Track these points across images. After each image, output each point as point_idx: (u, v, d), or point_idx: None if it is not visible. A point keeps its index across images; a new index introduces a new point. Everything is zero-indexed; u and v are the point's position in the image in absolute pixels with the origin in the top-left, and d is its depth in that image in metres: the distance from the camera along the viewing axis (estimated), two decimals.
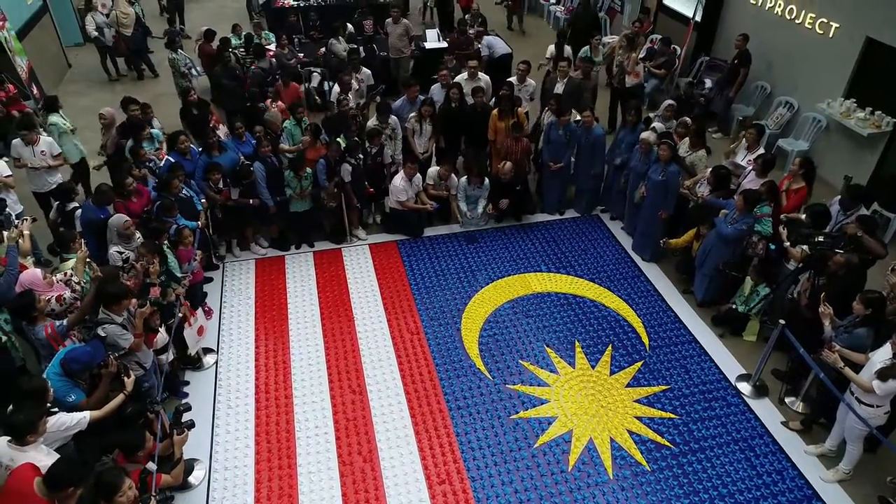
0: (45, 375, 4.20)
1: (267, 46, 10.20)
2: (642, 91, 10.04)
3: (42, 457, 3.62)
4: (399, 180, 7.22)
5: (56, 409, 3.96)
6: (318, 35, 11.50)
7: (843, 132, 8.40)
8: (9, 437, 3.63)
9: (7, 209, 6.13)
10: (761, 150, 6.97)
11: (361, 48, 10.45)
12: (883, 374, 4.37)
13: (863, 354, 4.67)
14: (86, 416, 4.03)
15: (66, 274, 5.00)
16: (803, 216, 5.84)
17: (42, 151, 6.99)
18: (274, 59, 9.76)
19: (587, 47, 9.78)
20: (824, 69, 8.67)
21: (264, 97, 8.55)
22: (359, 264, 7.34)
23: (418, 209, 7.53)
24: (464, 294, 6.92)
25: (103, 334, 4.38)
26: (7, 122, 8.15)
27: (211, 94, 10.23)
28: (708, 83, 10.19)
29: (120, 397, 4.21)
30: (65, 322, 4.57)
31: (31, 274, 4.79)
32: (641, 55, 9.76)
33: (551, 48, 9.65)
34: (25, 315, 4.42)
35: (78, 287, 4.93)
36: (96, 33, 11.20)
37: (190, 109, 7.52)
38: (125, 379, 4.27)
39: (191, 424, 4.33)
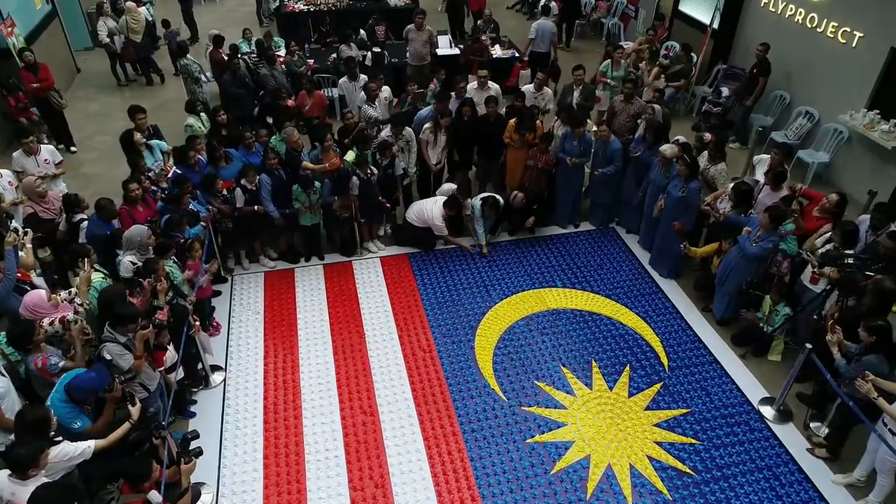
0: (48, 402, 4.08)
1: (277, 53, 10.07)
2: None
3: None
4: (440, 219, 7.13)
5: (60, 438, 3.83)
6: (323, 44, 11.37)
7: (866, 144, 8.20)
8: (10, 471, 3.50)
9: (13, 221, 6.02)
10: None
11: (368, 53, 10.32)
12: None
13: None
14: (90, 445, 3.90)
15: (70, 293, 4.87)
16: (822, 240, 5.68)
17: (45, 160, 6.92)
18: (283, 66, 9.64)
19: (608, 61, 9.54)
20: (846, 79, 8.47)
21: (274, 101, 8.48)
22: (370, 278, 7.19)
23: (459, 246, 7.54)
24: (477, 310, 6.76)
25: (108, 357, 4.25)
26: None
27: (221, 100, 10.11)
28: (725, 91, 9.99)
29: (125, 426, 4.07)
30: (60, 364, 4.38)
31: (36, 296, 4.64)
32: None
33: None
34: (21, 345, 4.26)
35: (81, 308, 4.79)
36: (108, 39, 11.12)
37: (219, 129, 7.38)
38: (130, 407, 4.13)
39: (198, 452, 4.18)
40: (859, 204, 7.31)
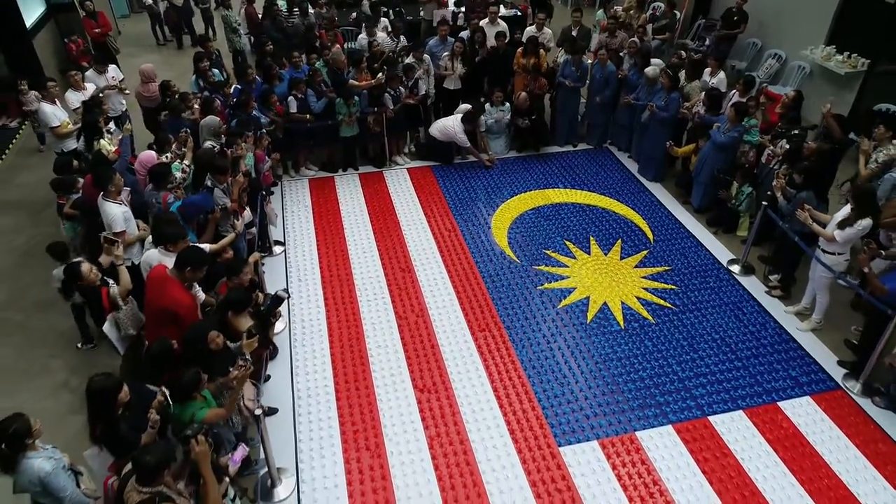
0: None
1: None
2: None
3: None
4: (461, 132, 8.33)
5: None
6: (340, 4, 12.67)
7: (825, 76, 9.47)
8: (160, 246, 4.70)
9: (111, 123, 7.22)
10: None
11: (390, 10, 11.54)
12: (841, 224, 5.43)
13: (828, 215, 5.73)
14: (206, 247, 5.07)
15: (169, 157, 6.06)
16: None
17: (112, 77, 8.15)
18: (313, 17, 10.86)
19: (601, 10, 10.91)
20: (808, 20, 9.76)
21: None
22: (399, 183, 8.41)
23: (479, 158, 8.69)
24: (491, 204, 7.98)
25: (210, 185, 5.44)
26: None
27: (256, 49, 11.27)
28: (707, 42, 11.27)
29: (232, 235, 5.29)
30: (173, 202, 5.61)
31: (148, 154, 5.86)
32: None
33: None
34: (160, 180, 5.46)
35: (187, 170, 6.00)
36: (150, 1, 12.34)
37: (265, 58, 8.60)
38: (235, 221, 5.34)
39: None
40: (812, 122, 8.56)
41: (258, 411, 4.18)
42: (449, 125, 8.44)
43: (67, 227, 6.02)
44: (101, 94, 7.63)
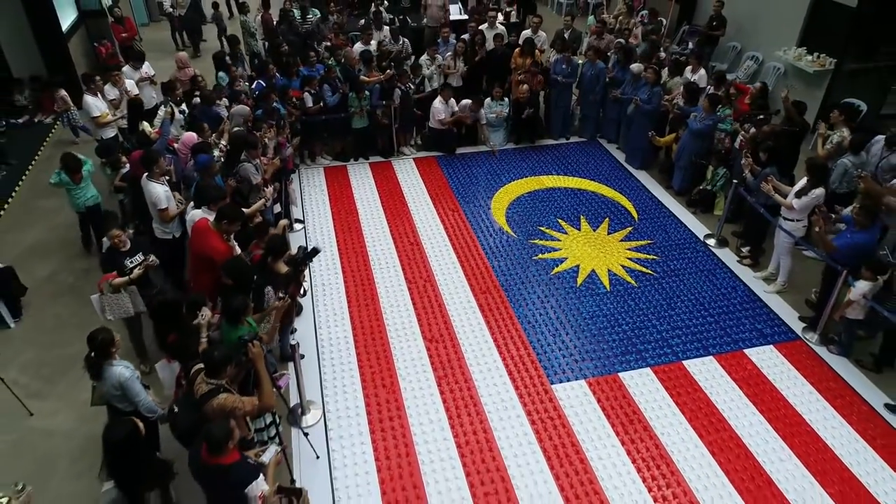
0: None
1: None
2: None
3: None
4: (438, 103, 9.08)
5: None
6: (351, 12, 13.53)
7: (797, 74, 10.29)
8: (203, 206, 5.44)
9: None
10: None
11: (397, 18, 12.40)
12: (798, 194, 6.20)
13: (790, 187, 6.50)
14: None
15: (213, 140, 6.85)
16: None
17: (145, 72, 8.96)
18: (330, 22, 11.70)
19: (592, 16, 11.80)
20: (781, 24, 10.60)
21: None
22: (407, 171, 9.18)
23: (454, 121, 9.37)
24: (490, 188, 8.75)
25: (244, 159, 6.21)
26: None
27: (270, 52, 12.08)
28: (690, 45, 12.11)
29: (261, 202, 6.04)
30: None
31: (190, 136, 6.63)
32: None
33: None
34: (202, 152, 6.23)
35: (224, 149, 6.77)
36: (171, 9, 13.22)
37: (281, 57, 9.42)
38: (264, 190, 6.09)
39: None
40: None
41: (293, 341, 4.91)
42: (433, 103, 9.20)
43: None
44: (148, 81, 8.49)
